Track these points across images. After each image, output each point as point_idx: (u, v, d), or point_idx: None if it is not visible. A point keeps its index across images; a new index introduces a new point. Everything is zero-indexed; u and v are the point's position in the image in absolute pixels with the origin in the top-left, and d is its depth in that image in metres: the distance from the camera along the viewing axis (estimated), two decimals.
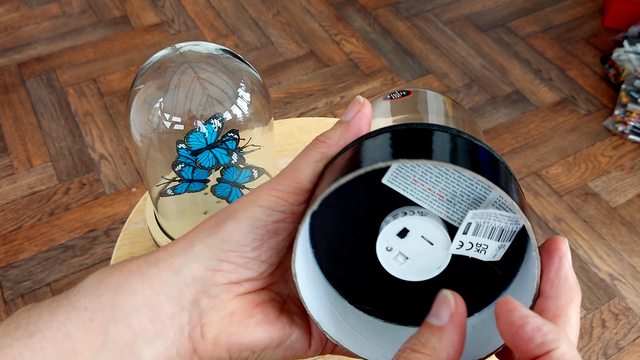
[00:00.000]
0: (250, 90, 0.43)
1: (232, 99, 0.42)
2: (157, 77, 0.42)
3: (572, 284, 0.26)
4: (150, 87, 0.42)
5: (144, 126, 0.43)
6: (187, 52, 0.43)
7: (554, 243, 0.27)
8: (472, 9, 1.78)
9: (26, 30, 1.67)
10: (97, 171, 1.31)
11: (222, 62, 0.44)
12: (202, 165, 0.42)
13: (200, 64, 0.43)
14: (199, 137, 0.41)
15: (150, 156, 0.45)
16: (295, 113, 1.45)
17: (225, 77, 0.43)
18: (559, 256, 0.27)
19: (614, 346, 1.06)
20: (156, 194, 0.47)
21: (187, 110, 0.41)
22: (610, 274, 1.16)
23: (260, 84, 0.45)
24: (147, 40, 1.64)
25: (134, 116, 0.43)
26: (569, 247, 0.28)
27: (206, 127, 0.41)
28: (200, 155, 0.42)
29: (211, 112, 0.41)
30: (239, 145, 0.42)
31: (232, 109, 0.42)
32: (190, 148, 0.41)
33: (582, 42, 1.67)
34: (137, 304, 0.28)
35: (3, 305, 1.07)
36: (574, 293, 0.26)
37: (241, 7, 1.77)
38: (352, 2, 1.80)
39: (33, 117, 1.43)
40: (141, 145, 0.44)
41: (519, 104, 1.49)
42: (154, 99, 0.42)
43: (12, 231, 1.20)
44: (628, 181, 1.32)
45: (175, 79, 0.42)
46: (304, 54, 1.62)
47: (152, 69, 0.43)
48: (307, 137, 0.64)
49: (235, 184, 0.45)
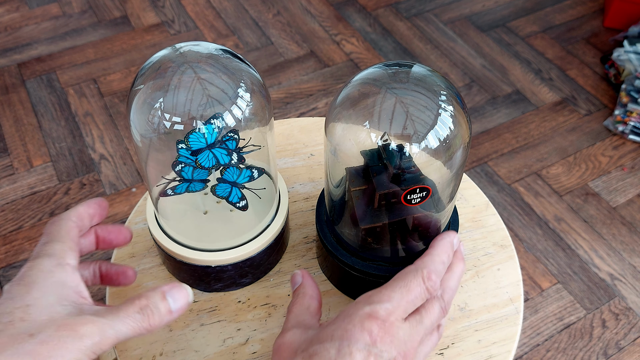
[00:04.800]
0: (250, 91, 0.43)
1: (232, 99, 0.42)
2: (157, 77, 0.42)
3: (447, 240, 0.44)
4: (150, 87, 0.42)
5: (144, 126, 0.43)
6: (187, 52, 0.43)
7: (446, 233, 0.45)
8: (472, 9, 1.78)
9: (26, 31, 1.67)
10: (97, 171, 1.31)
11: (222, 62, 0.44)
12: (202, 165, 0.42)
13: (200, 64, 0.43)
14: (199, 137, 0.41)
15: (150, 156, 0.45)
16: (296, 113, 1.45)
17: (225, 77, 0.43)
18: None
19: (615, 346, 1.06)
20: (156, 194, 0.47)
21: (187, 110, 0.41)
22: (610, 274, 1.16)
23: (260, 84, 0.45)
24: (147, 41, 1.65)
25: (134, 116, 0.43)
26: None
27: (206, 127, 0.41)
28: (201, 155, 0.42)
29: (211, 112, 0.41)
30: (239, 145, 0.42)
31: (232, 109, 0.42)
32: (190, 148, 0.41)
33: (583, 42, 1.67)
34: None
35: None
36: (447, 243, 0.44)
37: (241, 8, 1.77)
38: (352, 2, 1.80)
39: (33, 117, 1.43)
40: (141, 145, 0.44)
41: (519, 104, 1.49)
42: (154, 99, 0.42)
43: (13, 231, 1.20)
44: (628, 181, 1.32)
45: (175, 79, 0.42)
46: (304, 54, 1.62)
47: (152, 69, 0.43)
48: (307, 137, 0.64)
49: (235, 184, 0.45)
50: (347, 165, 0.46)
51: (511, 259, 0.54)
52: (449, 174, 0.44)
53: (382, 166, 0.44)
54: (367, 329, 0.36)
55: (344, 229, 0.48)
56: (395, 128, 0.41)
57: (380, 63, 0.44)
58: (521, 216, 1.25)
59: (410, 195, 0.42)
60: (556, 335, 1.08)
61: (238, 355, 0.47)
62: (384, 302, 0.38)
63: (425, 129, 0.41)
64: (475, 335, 0.49)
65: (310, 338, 0.38)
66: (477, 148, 1.39)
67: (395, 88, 0.42)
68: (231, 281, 0.50)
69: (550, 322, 1.09)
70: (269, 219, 0.50)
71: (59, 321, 0.34)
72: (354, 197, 0.46)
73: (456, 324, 0.49)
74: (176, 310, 0.38)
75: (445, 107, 0.42)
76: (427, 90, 0.42)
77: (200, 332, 0.48)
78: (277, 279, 0.52)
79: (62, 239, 0.40)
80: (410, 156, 0.42)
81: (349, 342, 0.36)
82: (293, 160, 0.62)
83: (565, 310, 1.11)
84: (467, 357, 0.47)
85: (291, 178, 0.60)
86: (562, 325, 1.09)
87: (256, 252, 0.48)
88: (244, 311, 0.50)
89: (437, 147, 0.41)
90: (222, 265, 0.47)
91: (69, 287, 0.37)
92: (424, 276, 0.40)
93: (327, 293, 0.51)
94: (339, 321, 0.38)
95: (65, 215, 0.42)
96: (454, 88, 0.43)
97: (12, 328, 0.34)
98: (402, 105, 0.41)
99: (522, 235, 1.22)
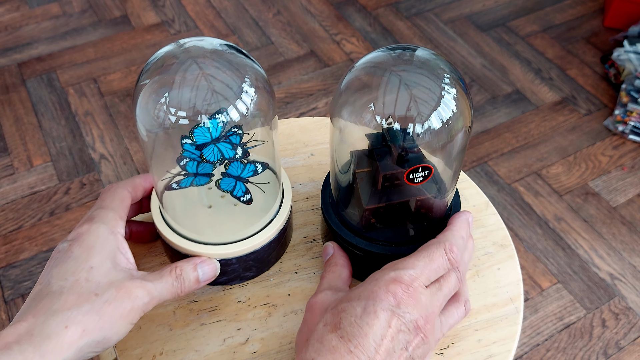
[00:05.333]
0: (254, 86, 0.43)
1: (237, 94, 0.42)
2: (162, 72, 0.43)
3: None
4: (155, 82, 0.43)
5: (149, 121, 0.43)
6: (191, 48, 0.43)
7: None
8: (472, 9, 1.78)
9: (26, 30, 1.67)
10: (97, 171, 1.31)
11: (226, 57, 0.44)
12: (207, 159, 0.43)
13: (204, 59, 0.43)
14: (204, 131, 0.41)
15: (155, 151, 0.45)
16: (296, 113, 1.45)
17: (229, 72, 0.43)
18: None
19: (614, 346, 1.06)
20: (161, 187, 0.47)
21: (192, 105, 0.41)
22: (610, 274, 1.16)
23: (264, 79, 0.45)
24: (147, 40, 1.65)
25: (140, 111, 0.43)
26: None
27: (211, 121, 0.41)
28: (206, 150, 0.42)
29: (216, 107, 0.41)
30: (243, 140, 0.43)
31: (237, 103, 0.42)
32: (195, 142, 0.42)
33: (583, 41, 1.67)
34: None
35: (3, 305, 1.07)
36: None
37: (241, 7, 1.77)
38: (352, 1, 1.80)
39: (33, 116, 1.43)
40: (147, 140, 0.44)
41: (519, 103, 1.49)
42: (159, 94, 0.42)
43: (13, 231, 1.20)
44: (628, 181, 1.32)
45: (180, 75, 0.42)
46: (304, 54, 1.62)
47: (157, 64, 0.43)
48: (307, 137, 0.64)
49: (239, 178, 0.46)
50: (352, 148, 0.48)
51: (511, 259, 0.54)
52: (451, 155, 0.45)
53: (386, 148, 0.45)
54: (391, 291, 0.39)
55: (349, 209, 0.49)
56: (399, 110, 0.42)
57: (384, 47, 0.45)
58: (521, 216, 1.25)
59: (413, 174, 0.43)
60: (556, 335, 1.08)
61: (238, 354, 0.47)
62: (408, 269, 0.41)
63: (428, 110, 0.42)
64: (475, 335, 0.49)
65: (340, 298, 0.41)
66: (477, 148, 1.39)
67: (399, 71, 0.43)
68: (235, 274, 0.50)
69: (550, 322, 1.09)
70: (272, 213, 0.50)
71: (116, 284, 0.39)
72: (358, 179, 0.48)
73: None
74: (204, 280, 0.44)
75: (448, 89, 0.43)
76: (431, 73, 0.43)
77: (200, 331, 0.49)
78: (277, 279, 0.52)
79: (116, 207, 0.44)
80: (413, 137, 0.43)
81: (374, 302, 0.39)
82: (293, 160, 0.62)
83: (565, 309, 1.11)
84: (467, 356, 0.47)
85: (291, 178, 0.60)
86: (562, 324, 1.09)
87: (260, 246, 0.49)
88: (244, 311, 0.50)
89: (439, 128, 0.42)
90: (227, 258, 0.48)
91: (121, 254, 0.42)
92: (447, 248, 0.43)
93: None
94: (367, 284, 0.41)
95: (122, 184, 0.46)
96: (457, 71, 0.44)
97: (79, 287, 0.38)
98: (406, 87, 0.42)
99: (522, 234, 1.22)
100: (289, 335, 0.48)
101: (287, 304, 0.50)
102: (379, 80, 0.43)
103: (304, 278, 0.52)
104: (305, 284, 0.51)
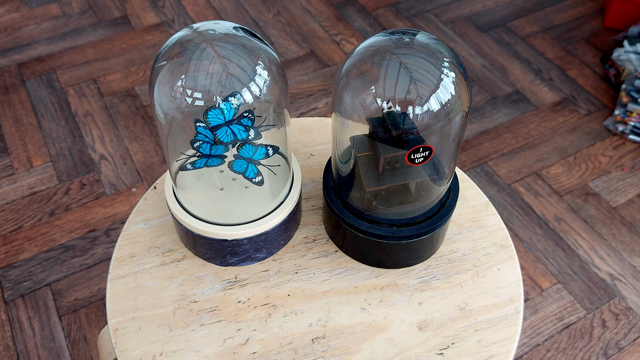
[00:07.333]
0: (267, 69, 0.44)
1: (250, 77, 0.43)
2: (178, 55, 0.44)
3: None
4: (170, 65, 0.44)
5: (165, 103, 0.44)
6: (205, 32, 0.44)
7: None
8: (472, 9, 1.78)
9: (26, 31, 1.67)
10: (97, 171, 1.31)
11: (240, 40, 0.45)
12: (220, 140, 0.43)
13: (219, 42, 0.44)
14: (217, 113, 0.42)
15: (171, 132, 0.47)
16: (296, 113, 1.46)
17: (244, 55, 0.44)
18: None
19: (615, 346, 1.06)
20: (176, 168, 0.49)
21: (206, 87, 0.42)
22: (610, 274, 1.16)
23: (277, 63, 0.46)
24: (147, 41, 1.65)
25: (157, 94, 0.44)
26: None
27: (224, 104, 0.42)
28: (219, 131, 0.43)
29: (230, 90, 0.42)
30: (255, 123, 0.44)
31: (250, 86, 0.43)
32: (209, 124, 0.42)
33: (583, 42, 1.67)
34: None
35: (3, 305, 1.07)
36: None
37: (241, 8, 1.77)
38: (352, 2, 1.80)
39: (33, 117, 1.43)
40: (164, 122, 0.46)
41: (519, 104, 1.49)
42: (174, 77, 0.43)
43: (13, 231, 1.20)
44: (628, 181, 1.32)
45: (195, 57, 0.43)
46: (304, 54, 1.62)
47: (172, 48, 0.44)
48: (307, 137, 0.64)
49: (251, 160, 0.47)
50: (353, 133, 0.49)
51: (511, 259, 0.54)
52: (450, 137, 0.46)
53: (386, 132, 0.46)
54: None
55: (351, 192, 0.50)
56: (399, 93, 0.43)
57: (384, 31, 0.46)
58: (521, 216, 1.25)
59: (414, 155, 0.44)
60: (556, 335, 1.08)
61: (238, 355, 0.47)
62: None
63: (427, 92, 0.42)
64: (475, 335, 0.49)
65: None
66: (477, 148, 1.39)
67: (399, 54, 0.44)
68: (246, 255, 0.51)
69: (550, 322, 1.09)
70: (282, 196, 0.51)
71: None
72: (359, 163, 0.49)
73: (456, 324, 0.49)
74: None
75: (447, 73, 0.43)
76: (430, 56, 0.44)
77: (200, 332, 0.48)
78: (277, 279, 0.52)
79: None
80: (412, 120, 0.43)
81: None
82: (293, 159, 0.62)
83: (565, 310, 1.11)
84: (467, 357, 0.47)
85: None
86: (562, 325, 1.09)
87: (271, 227, 0.50)
88: (244, 311, 0.50)
89: (438, 110, 0.43)
90: (238, 239, 0.49)
91: None
92: None
93: (327, 293, 0.51)
94: None
95: None
96: (457, 56, 0.45)
97: None
98: (406, 70, 0.43)
99: (522, 235, 1.22)
100: (288, 335, 0.48)
101: (287, 305, 0.50)
102: (379, 64, 0.44)
103: (304, 278, 0.52)
104: (305, 284, 0.51)
